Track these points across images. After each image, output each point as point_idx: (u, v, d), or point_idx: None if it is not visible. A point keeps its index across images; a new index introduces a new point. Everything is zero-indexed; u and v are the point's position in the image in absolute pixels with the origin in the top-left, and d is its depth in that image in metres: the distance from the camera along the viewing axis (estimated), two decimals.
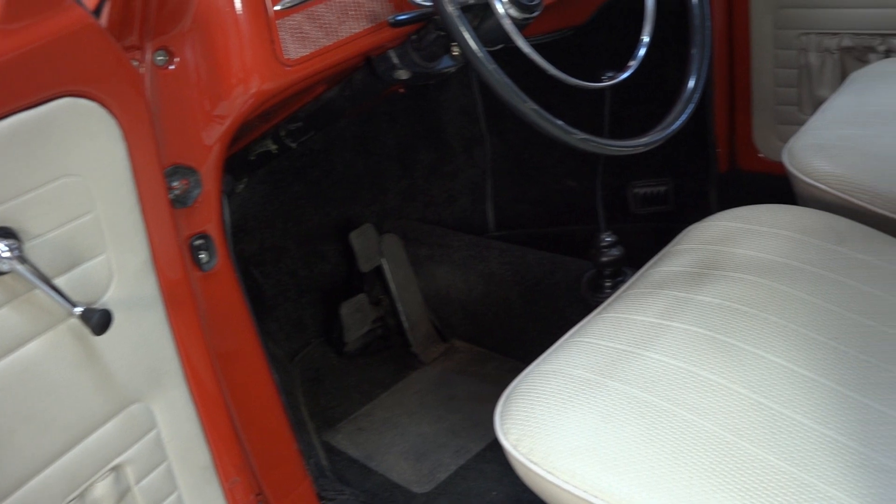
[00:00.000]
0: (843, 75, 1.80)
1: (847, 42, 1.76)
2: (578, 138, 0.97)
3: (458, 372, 1.76)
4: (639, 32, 1.16)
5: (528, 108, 0.95)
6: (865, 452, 0.81)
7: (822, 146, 1.35)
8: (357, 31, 1.08)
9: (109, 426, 0.88)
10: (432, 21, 1.10)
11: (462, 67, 1.24)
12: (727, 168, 2.00)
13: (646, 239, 2.03)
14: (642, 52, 1.12)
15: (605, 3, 1.75)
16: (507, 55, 1.09)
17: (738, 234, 1.15)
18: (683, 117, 1.08)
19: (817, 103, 1.84)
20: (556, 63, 1.02)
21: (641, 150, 1.04)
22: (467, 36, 0.95)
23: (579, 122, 1.04)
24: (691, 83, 1.11)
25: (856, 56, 1.78)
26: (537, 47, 1.02)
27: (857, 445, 0.82)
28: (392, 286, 1.80)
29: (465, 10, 1.00)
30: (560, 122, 0.97)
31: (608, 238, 1.51)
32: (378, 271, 1.82)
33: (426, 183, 2.02)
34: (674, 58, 1.39)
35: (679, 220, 2.03)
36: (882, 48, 1.73)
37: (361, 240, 1.78)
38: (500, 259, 1.78)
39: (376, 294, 1.83)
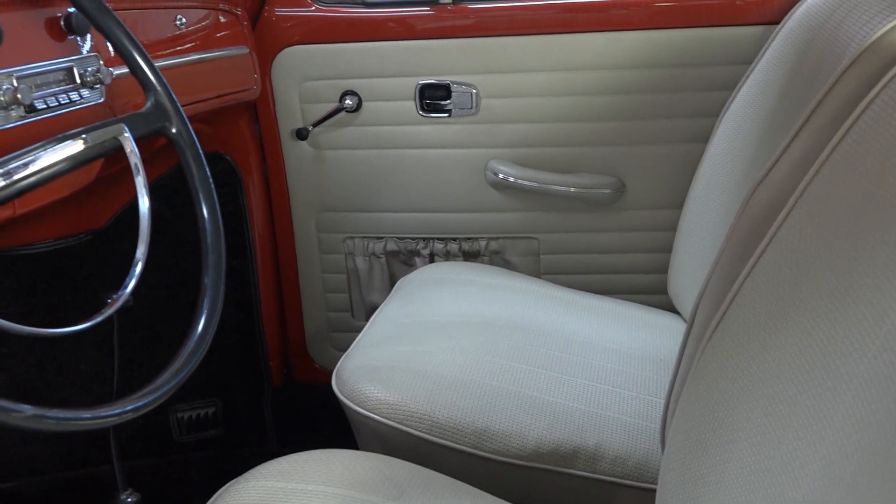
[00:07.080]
0: (392, 278, 1.72)
1: (392, 246, 1.69)
2: (23, 416, 0.65)
3: None
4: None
5: None
6: None
7: (373, 368, 1.19)
8: None
9: None
10: None
11: None
12: (282, 381, 1.80)
13: (195, 473, 1.72)
14: (133, 282, 0.85)
15: (127, 205, 1.49)
16: None
17: (280, 498, 0.92)
18: (190, 367, 0.82)
19: (370, 309, 1.74)
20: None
21: (129, 416, 0.76)
22: None
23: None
24: (202, 322, 0.85)
25: (402, 260, 1.72)
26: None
27: None
28: None
29: None
30: None
31: (129, 499, 1.18)
32: None
33: None
34: (194, 277, 1.16)
35: (232, 445, 1.77)
36: (426, 251, 1.69)
37: None
38: None
39: None
